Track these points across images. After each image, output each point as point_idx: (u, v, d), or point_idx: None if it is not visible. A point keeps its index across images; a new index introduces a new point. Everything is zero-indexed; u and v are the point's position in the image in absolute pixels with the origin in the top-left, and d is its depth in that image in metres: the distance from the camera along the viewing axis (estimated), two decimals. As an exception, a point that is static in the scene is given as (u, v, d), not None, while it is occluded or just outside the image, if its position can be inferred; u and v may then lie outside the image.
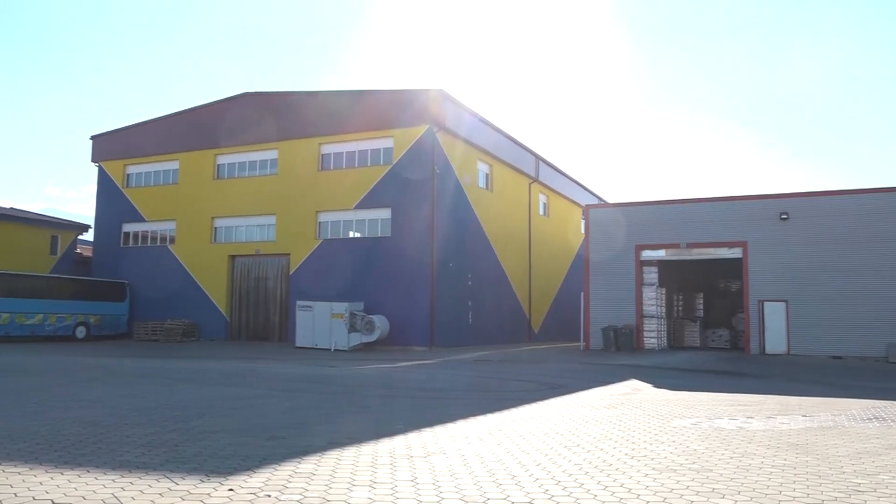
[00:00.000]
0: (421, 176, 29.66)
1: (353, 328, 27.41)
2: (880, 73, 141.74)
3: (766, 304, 26.77)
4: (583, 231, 33.24)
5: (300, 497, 5.03)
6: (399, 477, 5.74)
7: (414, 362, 21.48)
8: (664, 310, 29.93)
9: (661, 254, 29.04)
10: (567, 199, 44.98)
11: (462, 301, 31.42)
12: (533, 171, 39.25)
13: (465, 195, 32.20)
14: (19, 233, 36.67)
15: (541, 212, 41.48)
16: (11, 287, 30.07)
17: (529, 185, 39.08)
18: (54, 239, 38.66)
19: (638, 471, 6.12)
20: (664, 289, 29.98)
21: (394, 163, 30.41)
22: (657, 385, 14.99)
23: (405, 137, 30.21)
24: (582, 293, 30.16)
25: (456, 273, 30.94)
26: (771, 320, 26.63)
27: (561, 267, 43.74)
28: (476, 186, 33.53)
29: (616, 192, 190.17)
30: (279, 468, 5.96)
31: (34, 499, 4.84)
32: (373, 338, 27.44)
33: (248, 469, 5.90)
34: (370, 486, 5.42)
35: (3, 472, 5.62)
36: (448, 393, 13.11)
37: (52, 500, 4.79)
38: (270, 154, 33.66)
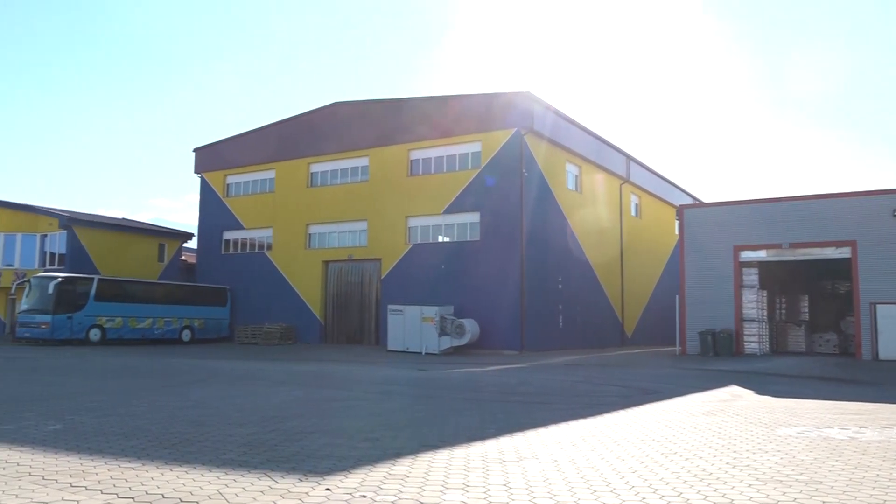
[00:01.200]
0: (509, 179, 29.60)
1: (443, 332, 27.60)
2: None
3: (878, 306, 25.16)
4: (677, 232, 32.27)
5: (394, 498, 5.09)
6: (492, 481, 5.72)
7: (504, 366, 21.41)
8: (766, 313, 28.63)
9: (761, 254, 27.81)
10: (660, 199, 43.79)
11: (552, 304, 31.11)
12: (624, 171, 38.44)
13: (554, 197, 31.89)
14: (130, 242, 38.96)
15: (633, 213, 40.56)
16: (124, 293, 32.00)
17: (620, 185, 38.30)
18: (161, 247, 40.85)
19: (740, 481, 5.87)
20: (765, 291, 28.70)
21: (482, 167, 30.47)
22: (760, 391, 14.34)
23: (493, 141, 30.23)
24: (677, 296, 29.26)
25: (546, 276, 30.67)
26: (885, 324, 25.00)
27: (654, 269, 42.61)
28: (565, 188, 33.14)
29: (712, 191, 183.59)
30: (374, 469, 6.06)
31: (147, 493, 5.11)
32: (463, 341, 27.55)
33: (344, 469, 6.03)
34: (463, 489, 5.43)
35: (119, 467, 5.97)
36: (539, 397, 13.00)
37: (162, 495, 5.05)
38: (361, 161, 34.40)
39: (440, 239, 31.97)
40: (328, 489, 5.32)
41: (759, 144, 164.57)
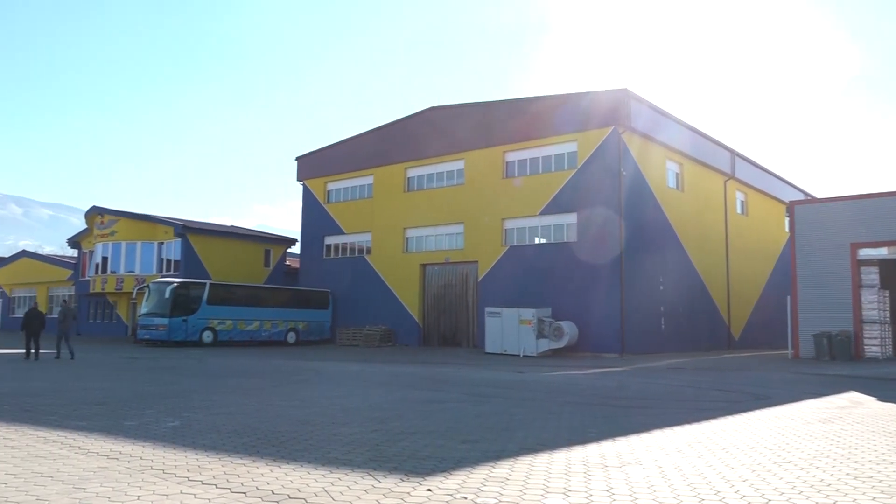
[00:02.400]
0: (607, 179, 29.05)
1: (541, 334, 27.37)
2: None
3: None
4: (787, 230, 30.67)
5: (495, 501, 5.09)
6: (594, 486, 5.62)
7: (604, 369, 21.00)
8: (888, 314, 26.76)
9: (882, 252, 26.04)
10: (768, 195, 41.77)
11: (653, 306, 30.26)
12: (728, 167, 36.92)
13: (654, 196, 31.03)
14: (238, 248, 40.80)
15: (738, 210, 38.89)
16: (234, 297, 33.54)
17: (725, 182, 36.81)
18: (267, 252, 42.55)
19: (863, 493, 5.51)
20: (888, 291, 26.84)
21: (578, 167, 30.05)
22: (883, 398, 13.41)
23: (589, 140, 29.76)
24: (788, 297, 27.81)
25: (646, 277, 29.88)
26: None
27: (763, 269, 40.67)
28: (665, 186, 32.19)
29: (824, 186, 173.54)
30: (474, 471, 6.07)
31: (257, 489, 5.32)
32: (561, 344, 27.23)
33: (445, 470, 6.07)
34: (564, 493, 5.36)
35: (232, 463, 6.26)
36: (641, 401, 12.66)
37: (272, 491, 5.25)
38: (457, 164, 34.65)
39: (536, 240, 31.74)
40: (429, 490, 5.37)
41: (875, 137, 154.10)
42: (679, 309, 31.78)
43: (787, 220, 30.44)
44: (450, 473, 5.96)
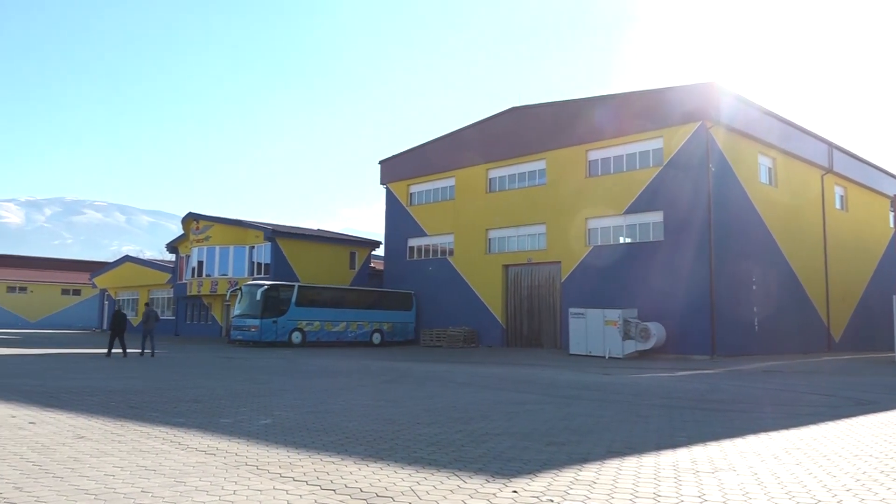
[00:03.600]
0: (694, 175, 28.21)
1: (627, 335, 26.83)
2: None
3: None
4: (893, 225, 28.94)
5: (582, 504, 5.02)
6: (685, 492, 5.46)
7: (694, 371, 20.38)
8: None
9: None
10: (870, 189, 39.50)
11: (746, 306, 29.13)
12: (825, 160, 35.14)
13: (745, 192, 29.89)
14: (325, 251, 41.82)
15: (837, 205, 36.97)
16: (321, 298, 34.42)
17: (822, 176, 35.07)
18: (352, 255, 43.43)
19: (982, 507, 5.13)
20: None
21: (664, 164, 29.30)
22: None
23: (676, 136, 28.97)
24: (894, 296, 26.21)
25: (738, 277, 28.80)
26: None
27: (865, 267, 38.48)
28: (757, 182, 30.95)
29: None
30: (560, 474, 6.01)
31: (346, 486, 5.44)
32: (648, 345, 26.61)
33: (530, 473, 6.04)
34: (654, 499, 5.23)
35: (321, 460, 6.42)
36: (734, 405, 12.22)
37: (360, 489, 5.35)
38: (539, 164, 34.41)
39: (621, 240, 31.13)
40: (515, 491, 5.35)
41: None
42: (773, 309, 30.47)
43: (892, 215, 28.72)
44: (535, 476, 5.92)
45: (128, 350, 23.04)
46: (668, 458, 6.87)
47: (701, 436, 8.28)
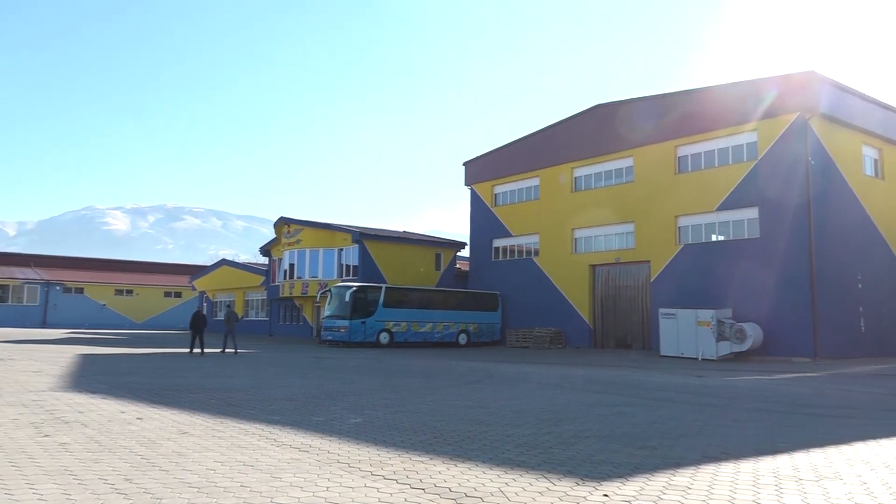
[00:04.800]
0: (792, 169, 26.95)
1: (721, 336, 25.91)
2: None
3: None
4: None
5: (676, 510, 4.88)
6: (787, 501, 5.22)
7: (794, 374, 19.47)
8: None
9: None
10: None
11: (851, 306, 27.59)
12: (938, 150, 32.85)
13: (848, 186, 28.33)
14: (411, 252, 42.31)
15: (952, 198, 34.48)
16: (408, 299, 34.85)
17: (934, 167, 32.79)
18: (438, 256, 43.76)
19: None
20: None
21: (759, 158, 28.14)
22: None
23: (771, 129, 27.76)
24: None
25: (842, 275, 27.31)
26: None
27: None
28: (861, 174, 29.28)
29: None
30: (652, 478, 5.87)
31: (435, 486, 5.49)
32: (744, 347, 25.60)
33: (621, 476, 5.92)
34: (753, 506, 5.03)
35: (410, 459, 6.50)
36: (840, 410, 11.59)
37: (449, 489, 5.39)
38: (625, 162, 33.72)
39: (713, 238, 30.08)
40: (606, 495, 5.26)
41: None
42: (882, 309, 28.74)
43: None
44: (627, 479, 5.80)
45: (205, 350, 24.23)
46: (767, 464, 6.59)
47: (803, 442, 7.90)
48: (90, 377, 14.61)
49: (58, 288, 61.29)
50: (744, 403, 12.20)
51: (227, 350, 25.25)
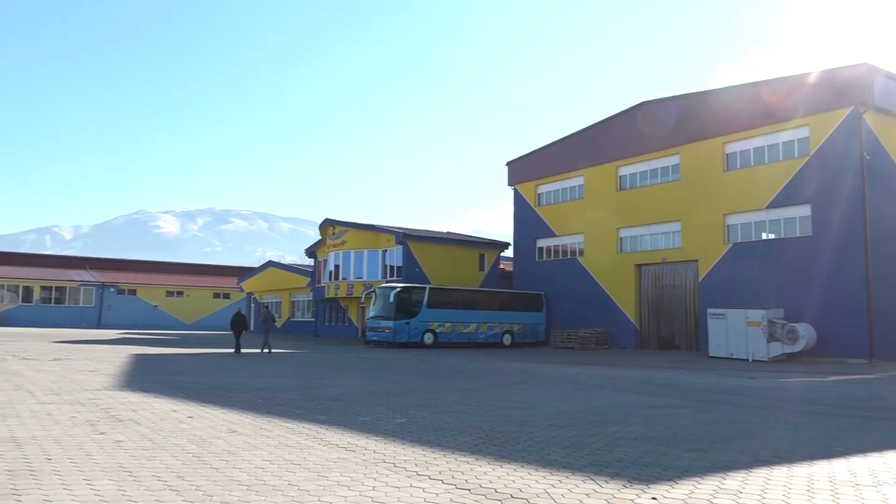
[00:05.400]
0: (846, 165, 26.18)
1: (772, 337, 25.30)
2: None
3: None
4: None
5: (727, 515, 4.77)
6: (843, 506, 5.07)
7: (850, 376, 18.90)
8: None
9: None
10: None
11: (910, 306, 26.64)
12: None
13: (907, 181, 27.37)
14: (454, 253, 42.37)
15: None
16: (452, 300, 34.88)
17: None
18: (482, 257, 43.72)
19: None
20: None
21: (811, 154, 27.41)
22: None
23: (823, 124, 27.01)
24: None
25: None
26: None
27: None
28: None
29: None
30: (702, 482, 5.76)
31: (481, 486, 5.48)
32: (796, 348, 24.94)
33: (670, 479, 5.82)
34: (808, 512, 4.90)
35: (456, 460, 6.50)
36: (898, 414, 11.21)
37: (494, 489, 5.37)
38: (671, 160, 33.18)
39: (764, 236, 29.40)
40: (654, 498, 5.18)
41: None
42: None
43: None
44: (675, 482, 5.71)
45: (242, 350, 25.16)
46: (822, 468, 6.41)
47: (860, 446, 7.67)
48: (143, 377, 14.99)
49: (112, 290, 63.08)
50: (797, 406, 11.89)
51: (263, 350, 25.70)
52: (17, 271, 61.48)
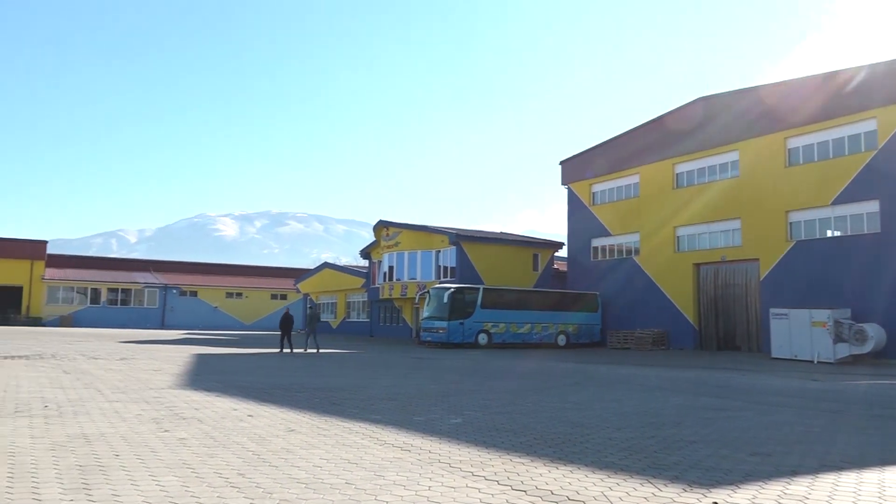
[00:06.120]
0: (917, 158, 25.10)
1: (839, 338, 24.44)
2: None
3: None
4: None
5: (793, 521, 4.63)
6: (917, 514, 4.86)
7: (923, 379, 18.09)
8: None
9: None
10: None
11: None
12: None
13: (983, 174, 26.10)
14: (508, 253, 42.24)
15: None
16: (506, 300, 34.77)
17: None
18: (535, 257, 43.47)
19: None
20: None
21: (879, 147, 26.40)
22: None
23: (893, 116, 25.96)
24: None
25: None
26: None
27: None
28: None
29: None
30: (766, 487, 5.59)
31: (537, 488, 5.44)
32: (865, 349, 24.04)
33: (731, 483, 5.68)
34: (879, 520, 4.71)
35: (511, 461, 6.47)
36: (976, 418, 10.68)
37: (551, 491, 5.33)
38: (730, 156, 32.40)
39: (829, 233, 28.44)
40: (716, 503, 5.06)
41: None
42: None
43: None
44: (738, 487, 5.56)
45: (288, 349, 25.74)
46: (894, 475, 6.16)
47: (935, 452, 7.33)
48: (204, 376, 15.39)
49: (174, 291, 64.98)
50: (865, 409, 11.45)
51: (308, 350, 26.15)
52: (86, 274, 63.93)
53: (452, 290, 33.33)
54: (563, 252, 44.48)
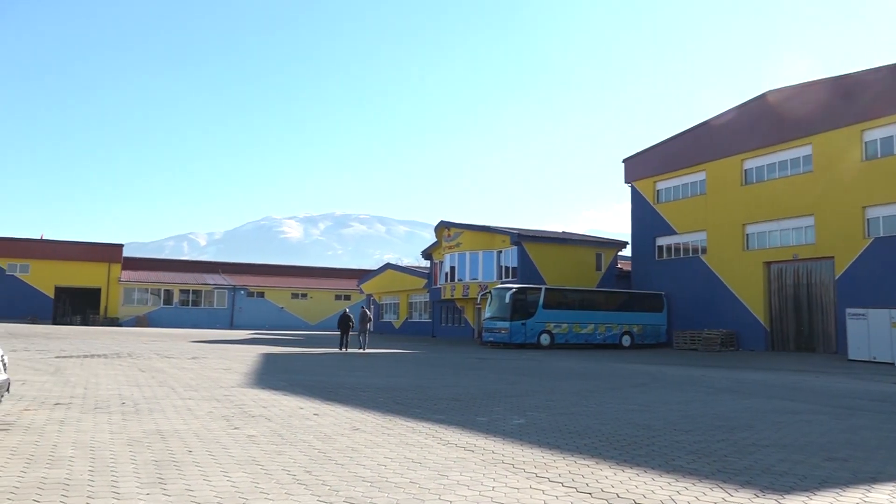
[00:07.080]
0: None
1: (921, 339, 23.27)
2: None
3: None
4: None
5: (873, 530, 4.44)
6: None
7: None
8: None
9: None
10: None
11: None
12: None
13: None
14: (570, 253, 41.78)
15: None
16: (568, 301, 34.42)
17: None
18: (598, 256, 42.87)
19: None
20: None
21: (964, 138, 25.03)
22: None
23: (979, 105, 24.60)
24: None
25: None
26: None
27: None
28: None
29: None
30: (843, 494, 5.38)
31: (602, 490, 5.37)
32: (951, 351, 22.83)
33: (806, 490, 5.48)
34: (968, 531, 4.47)
35: (576, 463, 6.41)
36: None
37: (616, 494, 5.25)
38: (802, 151, 31.27)
39: (910, 230, 27.13)
40: (789, 509, 4.89)
41: None
42: None
43: None
44: (813, 494, 5.37)
45: (348, 349, 26.30)
46: (984, 484, 5.83)
47: None
48: (271, 375, 15.75)
49: (242, 292, 66.71)
50: (952, 414, 10.87)
51: (361, 350, 26.43)
52: (160, 276, 66.26)
53: (514, 290, 33.18)
54: (626, 251, 43.74)
